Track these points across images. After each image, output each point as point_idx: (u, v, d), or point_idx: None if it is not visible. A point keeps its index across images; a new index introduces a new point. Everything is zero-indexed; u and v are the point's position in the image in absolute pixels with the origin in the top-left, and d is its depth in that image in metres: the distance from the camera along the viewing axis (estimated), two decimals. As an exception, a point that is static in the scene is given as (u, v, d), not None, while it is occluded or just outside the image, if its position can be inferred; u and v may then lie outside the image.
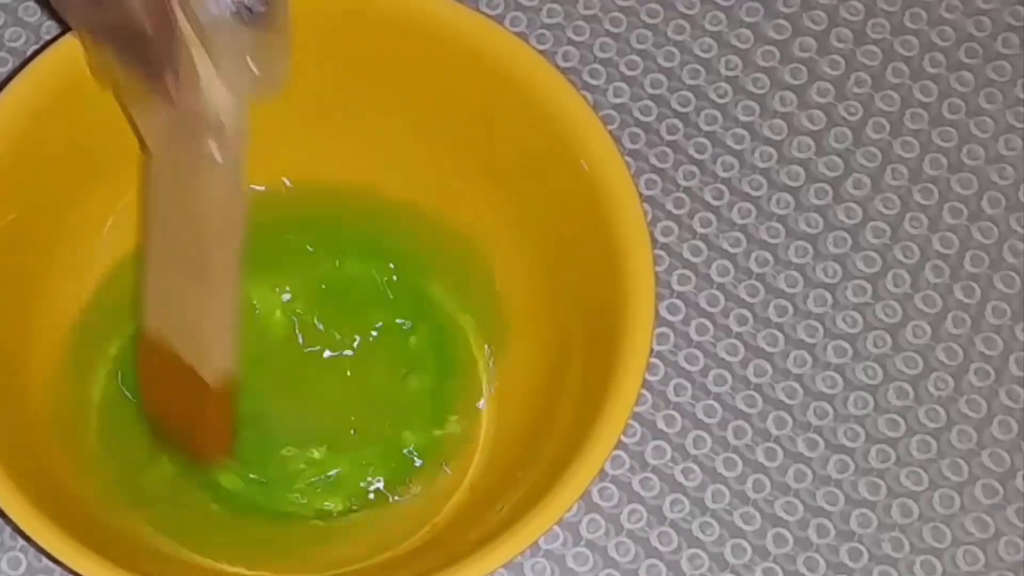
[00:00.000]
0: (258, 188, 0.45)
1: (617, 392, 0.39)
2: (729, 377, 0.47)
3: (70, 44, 0.41)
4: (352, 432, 0.45)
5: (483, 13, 0.50)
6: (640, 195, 0.49)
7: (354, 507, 0.45)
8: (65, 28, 0.41)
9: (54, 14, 0.50)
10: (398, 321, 0.46)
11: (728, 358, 0.47)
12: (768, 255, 0.48)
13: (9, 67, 0.49)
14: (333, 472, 0.45)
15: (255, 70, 0.35)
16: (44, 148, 0.42)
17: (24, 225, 0.42)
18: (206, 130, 0.36)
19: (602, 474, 0.44)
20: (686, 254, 0.48)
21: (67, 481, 0.42)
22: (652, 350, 0.42)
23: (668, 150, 0.49)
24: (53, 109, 0.41)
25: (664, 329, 0.47)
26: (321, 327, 0.46)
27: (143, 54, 0.35)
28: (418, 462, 0.45)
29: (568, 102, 0.42)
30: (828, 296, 0.48)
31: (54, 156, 0.42)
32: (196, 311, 0.40)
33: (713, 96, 0.50)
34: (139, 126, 0.39)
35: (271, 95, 0.36)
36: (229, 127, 0.36)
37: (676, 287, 0.48)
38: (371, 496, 0.45)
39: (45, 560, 0.44)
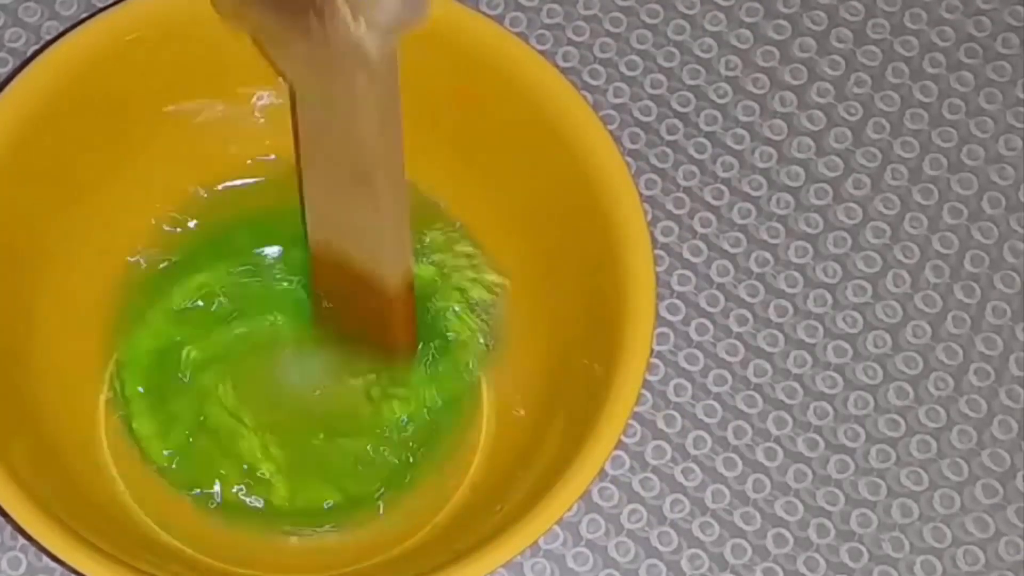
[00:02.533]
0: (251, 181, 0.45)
1: (617, 393, 0.39)
2: (729, 377, 0.47)
3: (71, 44, 0.41)
4: (358, 466, 0.45)
5: (483, 13, 0.51)
6: (640, 195, 0.49)
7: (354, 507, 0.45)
8: (65, 29, 0.41)
9: (54, 14, 0.50)
10: None
11: (728, 358, 0.47)
12: (768, 255, 0.48)
13: (9, 67, 0.49)
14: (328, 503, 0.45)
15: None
16: (45, 148, 0.42)
17: (24, 226, 0.42)
18: (354, 65, 0.36)
19: (602, 474, 0.44)
20: (686, 254, 0.48)
21: (75, 480, 0.42)
22: (652, 350, 0.42)
23: (668, 150, 0.49)
24: (53, 110, 0.41)
25: (664, 329, 0.47)
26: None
27: None
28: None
29: (568, 103, 0.42)
30: (828, 296, 0.48)
31: (55, 157, 0.42)
32: (367, 223, 0.41)
33: (713, 96, 0.50)
34: (282, 65, 0.39)
35: (415, 25, 0.36)
36: (376, 60, 0.36)
37: (676, 287, 0.48)
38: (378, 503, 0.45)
39: (46, 559, 0.44)
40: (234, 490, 0.44)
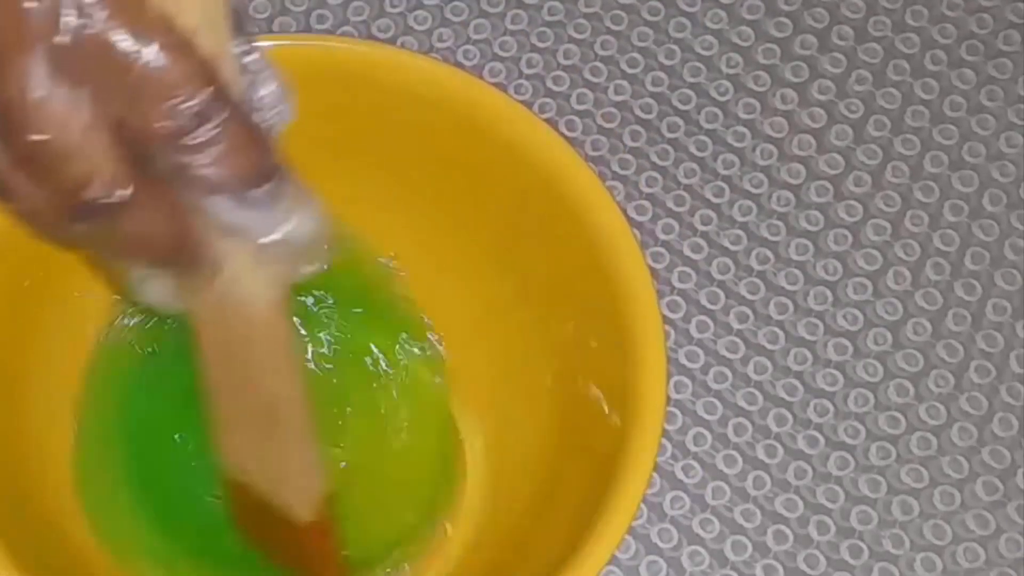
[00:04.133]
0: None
1: (623, 491, 0.38)
2: (729, 374, 0.47)
3: None
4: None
5: (484, 13, 0.51)
6: (640, 192, 0.49)
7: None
8: None
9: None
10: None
11: (728, 355, 0.47)
12: (769, 252, 0.48)
13: None
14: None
15: (283, 249, 0.33)
16: None
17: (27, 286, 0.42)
18: (243, 317, 0.36)
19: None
20: (687, 251, 0.48)
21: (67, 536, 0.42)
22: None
23: (669, 147, 0.49)
24: None
25: (665, 326, 0.47)
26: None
27: (170, 263, 0.34)
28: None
29: (579, 176, 0.41)
30: (829, 293, 0.48)
31: None
32: (274, 459, 0.40)
33: (714, 94, 0.50)
34: (180, 307, 0.37)
35: (314, 268, 0.35)
36: (264, 312, 0.36)
37: (676, 284, 0.48)
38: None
39: None
40: None
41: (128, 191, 0.30)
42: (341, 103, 0.42)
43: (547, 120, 0.43)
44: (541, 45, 0.50)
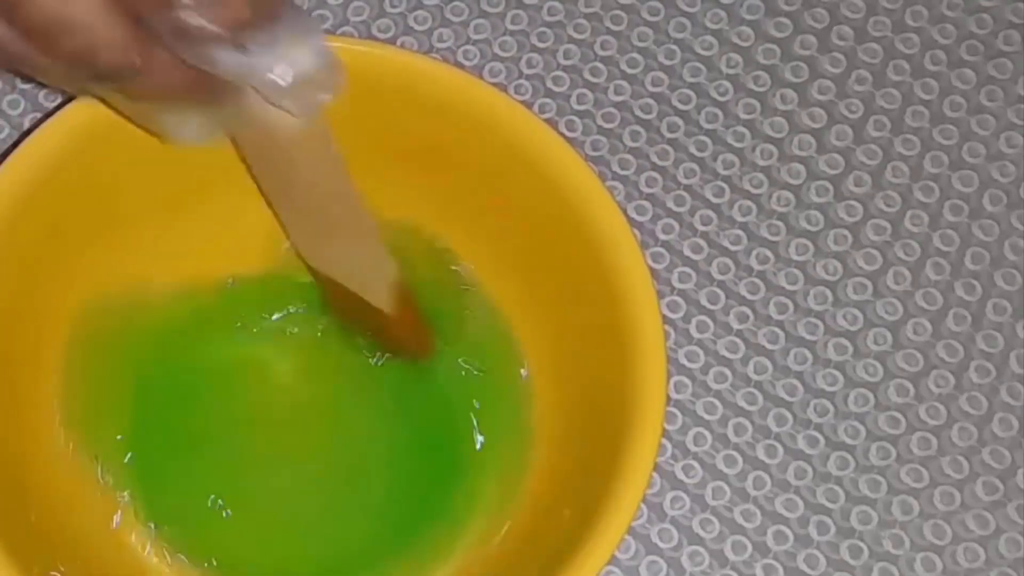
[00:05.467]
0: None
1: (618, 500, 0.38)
2: (729, 374, 0.47)
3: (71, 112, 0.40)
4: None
5: (484, 13, 0.51)
6: (640, 192, 0.49)
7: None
8: (67, 99, 0.40)
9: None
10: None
11: (728, 355, 0.47)
12: (769, 252, 0.48)
13: (5, 134, 0.49)
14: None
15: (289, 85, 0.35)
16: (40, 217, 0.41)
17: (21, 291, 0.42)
18: (281, 135, 0.37)
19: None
20: (687, 251, 0.48)
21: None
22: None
23: (669, 148, 0.49)
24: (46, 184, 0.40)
25: (665, 326, 0.47)
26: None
27: (195, 102, 0.36)
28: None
29: (595, 197, 0.41)
30: (829, 293, 0.48)
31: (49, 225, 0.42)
32: (341, 254, 0.42)
33: (714, 94, 0.50)
34: (207, 125, 0.39)
35: (331, 90, 0.36)
36: (299, 130, 0.36)
37: (676, 284, 0.48)
38: None
39: None
40: None
41: (136, 57, 0.32)
42: (340, 103, 0.42)
43: (547, 120, 0.43)
44: (541, 45, 0.50)
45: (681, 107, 0.50)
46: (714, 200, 0.49)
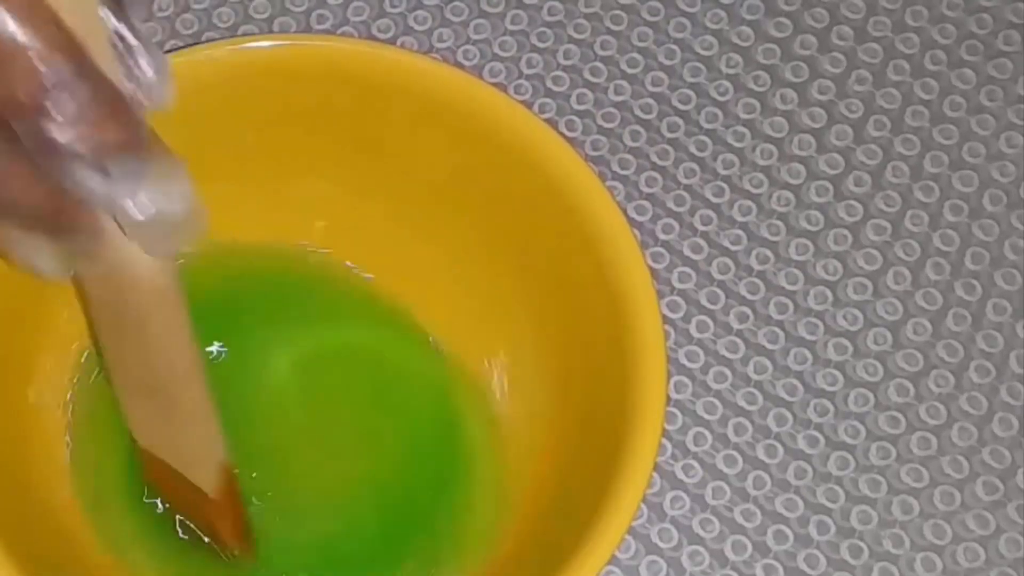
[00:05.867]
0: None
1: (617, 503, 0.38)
2: (729, 374, 0.47)
3: None
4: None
5: (484, 13, 0.51)
6: (640, 192, 0.49)
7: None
8: None
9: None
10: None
11: (728, 355, 0.47)
12: (769, 252, 0.48)
13: None
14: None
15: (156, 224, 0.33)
16: None
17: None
18: (130, 286, 0.35)
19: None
20: (687, 251, 0.48)
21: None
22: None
23: (669, 147, 0.49)
24: None
25: (665, 326, 0.47)
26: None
27: (48, 230, 0.33)
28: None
29: (582, 182, 0.41)
30: (829, 293, 0.48)
31: None
32: (174, 433, 0.40)
33: (714, 94, 0.50)
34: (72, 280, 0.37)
35: (186, 242, 0.34)
36: (150, 283, 0.35)
37: (676, 284, 0.48)
38: None
39: None
40: None
41: None
42: (340, 103, 0.42)
43: (547, 120, 0.43)
44: (541, 45, 0.50)
45: (681, 107, 0.50)
46: (714, 200, 0.49)
